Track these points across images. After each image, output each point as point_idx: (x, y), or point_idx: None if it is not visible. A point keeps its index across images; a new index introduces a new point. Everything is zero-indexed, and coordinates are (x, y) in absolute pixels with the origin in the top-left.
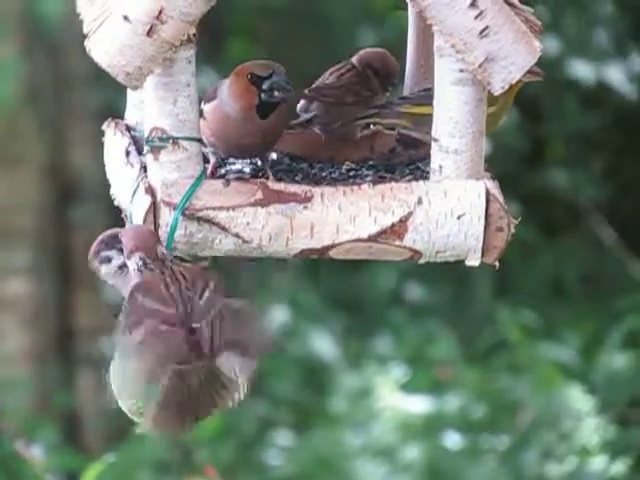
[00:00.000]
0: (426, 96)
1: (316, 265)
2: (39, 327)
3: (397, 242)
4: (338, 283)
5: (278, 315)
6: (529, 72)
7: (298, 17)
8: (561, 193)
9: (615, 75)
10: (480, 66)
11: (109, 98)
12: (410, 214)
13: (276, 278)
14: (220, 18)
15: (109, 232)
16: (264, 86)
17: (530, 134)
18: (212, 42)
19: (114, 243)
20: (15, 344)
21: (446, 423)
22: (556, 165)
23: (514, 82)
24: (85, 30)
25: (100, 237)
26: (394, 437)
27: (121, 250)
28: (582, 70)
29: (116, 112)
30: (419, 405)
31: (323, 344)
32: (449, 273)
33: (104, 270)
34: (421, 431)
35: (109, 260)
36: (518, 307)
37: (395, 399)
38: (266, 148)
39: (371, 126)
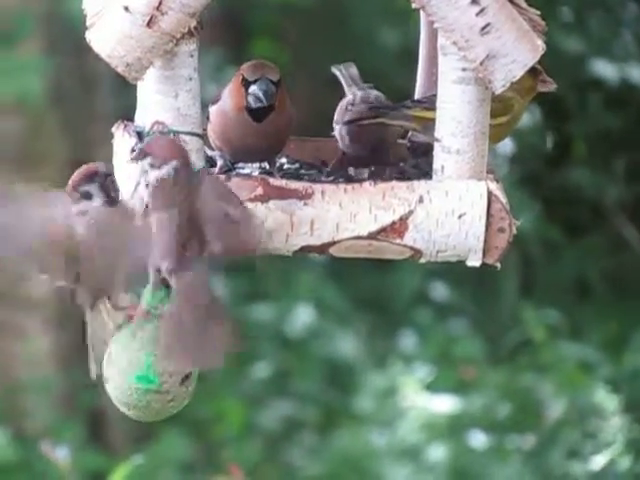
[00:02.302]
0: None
1: (341, 265)
2: (64, 328)
3: (397, 240)
4: (363, 283)
5: (303, 315)
6: (543, 81)
7: (322, 16)
8: (585, 193)
9: (639, 75)
10: (481, 63)
11: (132, 99)
12: (411, 213)
13: (301, 278)
14: (244, 18)
15: (89, 166)
16: (249, 90)
17: (554, 134)
18: (236, 42)
19: (94, 177)
20: (40, 345)
21: (471, 423)
22: (580, 165)
23: (515, 80)
24: (87, 22)
25: (80, 170)
26: (419, 437)
27: (101, 185)
28: (606, 70)
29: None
30: (444, 405)
31: (348, 344)
32: (474, 273)
33: (84, 205)
34: (446, 431)
35: (89, 196)
36: (542, 307)
37: (420, 399)
38: (271, 152)
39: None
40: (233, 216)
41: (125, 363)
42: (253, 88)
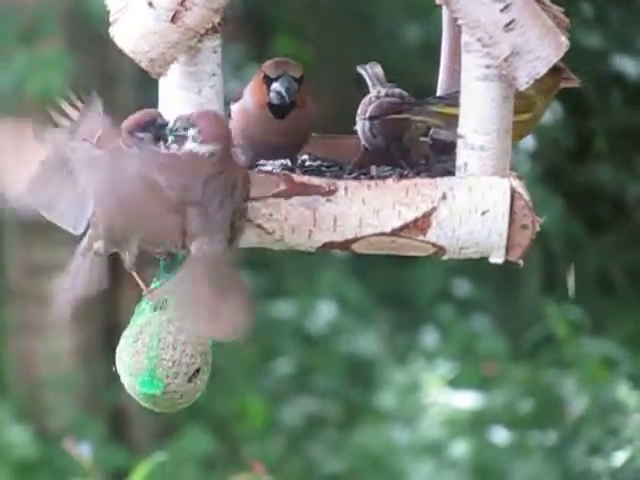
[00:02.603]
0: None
1: (363, 261)
2: (86, 325)
3: (420, 237)
4: (385, 279)
5: (325, 311)
6: (566, 78)
7: (344, 13)
8: (606, 188)
9: None
10: (505, 60)
11: (155, 95)
12: (434, 209)
13: (323, 274)
14: (266, 14)
15: (146, 112)
16: (271, 87)
17: (575, 129)
18: (258, 39)
19: (149, 126)
20: (62, 342)
21: (493, 419)
22: (601, 160)
23: (539, 77)
24: (111, 18)
25: (137, 116)
26: (441, 433)
27: (154, 135)
28: (627, 65)
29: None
30: (466, 401)
31: (370, 340)
32: (496, 269)
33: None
34: (468, 427)
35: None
36: (565, 303)
37: (442, 395)
38: (293, 149)
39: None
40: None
41: (130, 362)
42: (275, 85)
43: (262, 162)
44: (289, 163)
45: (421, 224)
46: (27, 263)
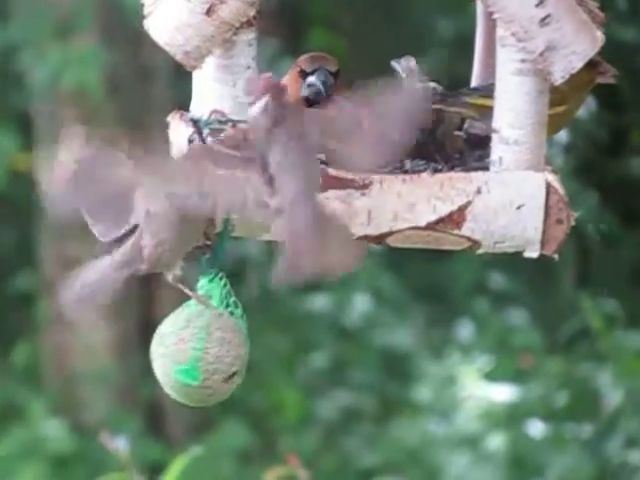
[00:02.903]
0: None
1: (398, 254)
2: (121, 319)
3: (455, 231)
4: (420, 272)
5: (360, 305)
6: (602, 73)
7: (378, 7)
8: None
9: None
10: (541, 55)
11: (189, 89)
12: (469, 203)
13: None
14: (301, 9)
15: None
16: (307, 81)
17: (609, 123)
18: (292, 32)
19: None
20: (97, 336)
21: (529, 412)
22: (636, 154)
23: (574, 71)
24: (145, 10)
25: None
26: (477, 426)
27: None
28: None
29: None
30: (502, 394)
31: (405, 333)
32: (531, 262)
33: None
34: (504, 420)
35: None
36: (600, 296)
37: (478, 388)
38: None
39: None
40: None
41: (173, 349)
42: (311, 79)
43: None
44: (323, 156)
45: (456, 218)
46: (62, 257)
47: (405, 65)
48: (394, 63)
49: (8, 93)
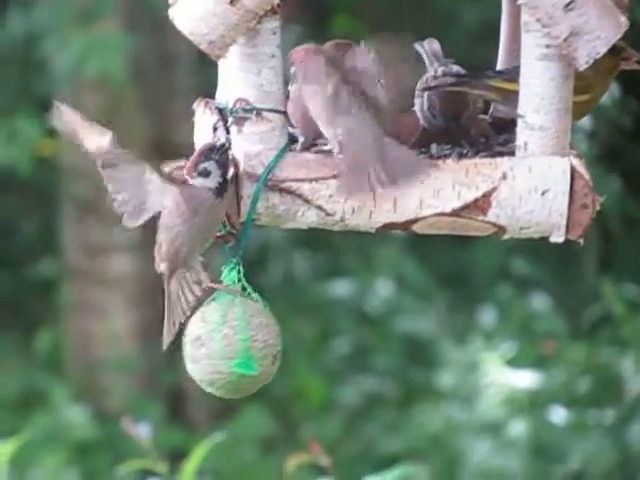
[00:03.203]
0: (519, 73)
1: (421, 240)
2: (144, 305)
3: (481, 217)
4: (443, 258)
5: (382, 290)
6: (626, 58)
7: None
8: None
9: None
10: (565, 40)
11: (212, 77)
12: (494, 189)
13: (380, 253)
14: None
15: (207, 144)
16: None
17: (633, 109)
18: (316, 18)
19: (212, 155)
20: (121, 322)
21: (551, 398)
22: None
23: (598, 57)
24: (170, 1)
25: (198, 149)
26: (499, 412)
27: (218, 162)
28: None
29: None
30: (524, 380)
31: (428, 319)
32: (554, 248)
33: (198, 183)
34: (527, 406)
35: (207, 174)
36: (623, 281)
37: (501, 374)
38: None
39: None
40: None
41: (219, 347)
42: None
43: (321, 141)
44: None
45: (481, 204)
46: (85, 243)
47: (428, 47)
48: (417, 45)
49: (31, 80)
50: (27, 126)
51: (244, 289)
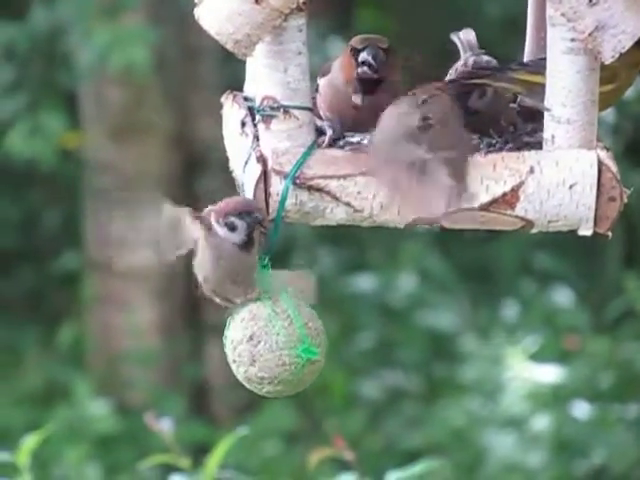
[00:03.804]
0: (544, 65)
1: (444, 234)
2: (168, 299)
3: (509, 211)
4: (466, 252)
5: (406, 285)
6: None
7: None
8: None
9: None
10: (590, 35)
11: (236, 70)
12: (522, 183)
13: (404, 247)
14: None
15: (247, 202)
16: (359, 57)
17: None
18: (342, 12)
19: (244, 215)
20: (144, 316)
21: (574, 393)
22: None
23: (624, 50)
24: (196, 0)
25: (237, 200)
26: (523, 407)
27: (248, 226)
28: None
29: (242, 84)
30: (547, 375)
31: (451, 314)
32: (577, 242)
33: (223, 233)
34: (550, 401)
35: (233, 228)
36: None
37: (524, 369)
38: None
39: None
40: None
41: (281, 338)
42: (362, 55)
43: (349, 133)
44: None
45: (509, 198)
46: (107, 237)
47: (464, 37)
48: (453, 35)
49: (55, 74)
50: (51, 120)
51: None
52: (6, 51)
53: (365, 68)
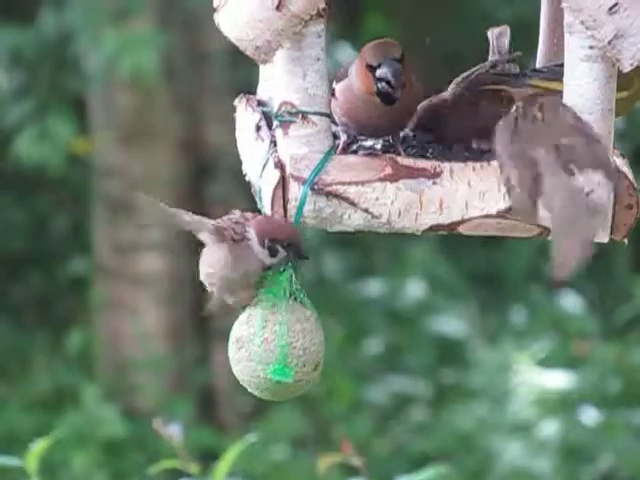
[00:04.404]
0: (559, 72)
1: (452, 240)
2: (175, 305)
3: None
4: (474, 258)
5: (414, 290)
6: None
7: None
8: None
9: None
10: (609, 43)
11: (245, 74)
12: None
13: (412, 252)
14: None
15: (295, 230)
16: (377, 74)
17: None
18: (348, 17)
19: (289, 244)
20: (151, 321)
21: (582, 398)
22: None
23: None
24: (215, 4)
25: (284, 227)
26: (531, 413)
27: (288, 255)
28: None
29: (252, 88)
30: (556, 380)
31: (459, 319)
32: None
33: (261, 254)
34: (558, 407)
35: (274, 254)
36: None
37: (532, 374)
38: (396, 128)
39: None
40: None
41: (259, 351)
42: (380, 72)
43: (362, 137)
44: (390, 140)
45: None
46: (115, 242)
47: (495, 37)
48: (489, 33)
49: (64, 79)
50: (59, 125)
51: (294, 294)
52: (15, 56)
53: (384, 84)
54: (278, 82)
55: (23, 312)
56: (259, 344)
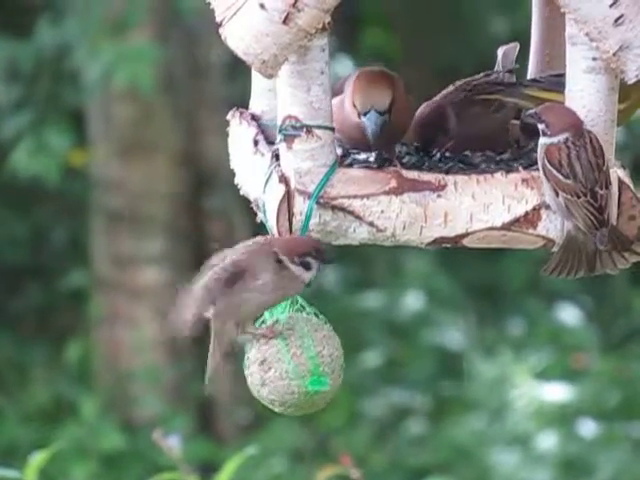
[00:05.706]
0: (557, 82)
1: (451, 252)
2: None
3: (530, 230)
4: (473, 270)
5: (412, 302)
6: None
7: (432, 5)
8: None
9: None
10: (614, 54)
11: (243, 87)
12: (544, 202)
13: (410, 265)
14: (355, 6)
15: (312, 240)
16: (361, 119)
17: None
18: (347, 30)
19: (319, 255)
20: (150, 333)
21: (581, 411)
22: None
23: None
24: (218, 18)
25: (305, 241)
26: (529, 425)
27: (319, 265)
28: None
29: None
30: (554, 393)
31: (457, 331)
32: None
33: (297, 271)
34: (556, 419)
35: (309, 267)
36: None
37: (530, 387)
38: (390, 144)
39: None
40: None
41: (291, 367)
42: (364, 120)
43: (355, 151)
44: (384, 154)
45: (531, 217)
46: (114, 255)
47: (503, 53)
48: (499, 50)
49: (61, 91)
50: (56, 137)
51: (302, 307)
52: (12, 68)
53: (368, 134)
54: (282, 96)
55: (22, 324)
56: (288, 361)
